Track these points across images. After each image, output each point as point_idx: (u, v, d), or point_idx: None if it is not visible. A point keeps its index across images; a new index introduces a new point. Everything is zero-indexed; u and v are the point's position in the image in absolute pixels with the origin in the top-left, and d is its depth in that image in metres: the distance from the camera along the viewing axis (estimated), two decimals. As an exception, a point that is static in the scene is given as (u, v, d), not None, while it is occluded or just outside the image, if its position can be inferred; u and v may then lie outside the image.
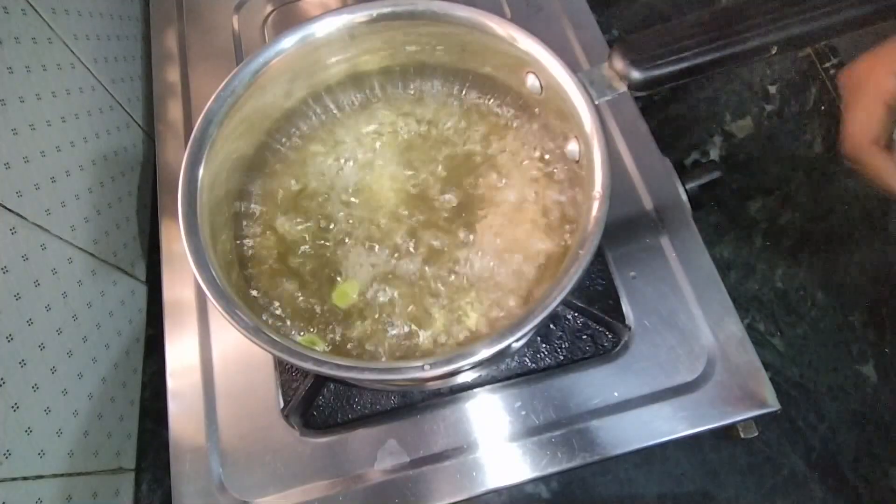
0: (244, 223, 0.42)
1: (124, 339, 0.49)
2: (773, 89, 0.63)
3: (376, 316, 0.40)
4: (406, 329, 0.39)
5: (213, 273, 0.32)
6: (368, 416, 0.42)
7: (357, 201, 0.44)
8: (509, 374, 0.43)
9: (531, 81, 0.38)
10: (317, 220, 0.44)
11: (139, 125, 0.57)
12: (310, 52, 0.39)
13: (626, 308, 0.44)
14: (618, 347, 0.43)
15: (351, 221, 0.43)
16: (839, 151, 0.35)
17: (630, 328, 0.43)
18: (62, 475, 0.39)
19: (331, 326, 0.39)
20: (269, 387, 0.43)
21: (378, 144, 0.45)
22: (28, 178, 0.40)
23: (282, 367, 0.43)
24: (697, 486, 0.47)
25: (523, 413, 0.41)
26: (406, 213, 0.43)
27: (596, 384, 0.42)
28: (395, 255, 0.42)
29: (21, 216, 0.39)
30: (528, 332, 0.30)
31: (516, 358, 0.44)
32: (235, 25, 0.59)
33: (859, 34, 0.33)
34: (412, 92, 0.46)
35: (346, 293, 0.40)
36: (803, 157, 0.59)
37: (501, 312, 0.41)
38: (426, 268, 0.42)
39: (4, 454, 0.34)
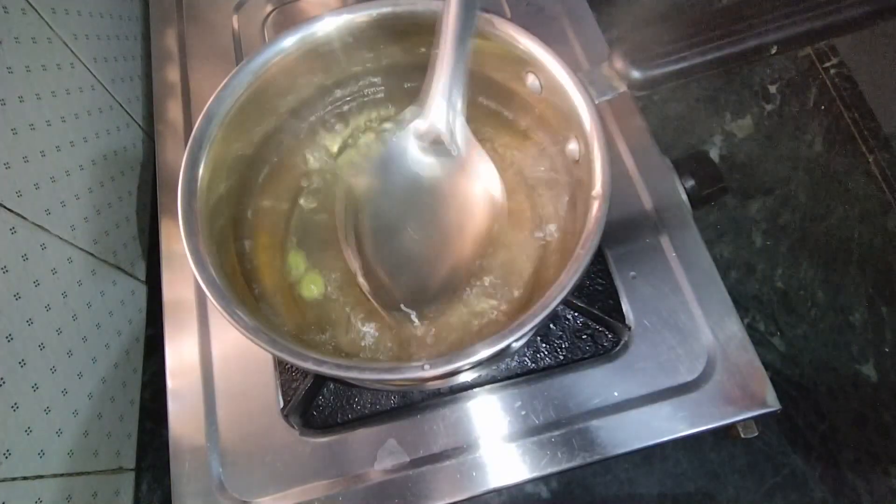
0: (245, 223, 0.42)
1: (124, 339, 0.49)
2: (773, 89, 0.63)
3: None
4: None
5: (213, 273, 0.32)
6: (368, 416, 0.42)
7: (356, 199, 0.44)
8: (509, 374, 0.43)
9: (531, 81, 0.38)
10: (317, 219, 0.44)
11: (139, 125, 0.57)
12: (310, 51, 0.39)
13: (626, 308, 0.44)
14: (618, 347, 0.43)
15: (351, 219, 0.43)
16: None
17: (630, 328, 0.43)
18: (62, 475, 0.39)
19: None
20: (269, 387, 0.43)
21: (378, 143, 0.45)
22: (28, 178, 0.40)
23: (282, 367, 0.43)
24: (697, 486, 0.48)
25: (523, 413, 0.41)
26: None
27: (596, 384, 0.42)
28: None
29: (21, 216, 0.39)
30: (528, 332, 0.30)
31: (516, 358, 0.44)
32: (235, 25, 0.59)
33: (859, 34, 0.33)
34: (412, 91, 0.46)
35: (310, 285, 0.41)
36: (803, 157, 0.59)
37: (499, 312, 0.41)
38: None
39: (4, 454, 0.34)
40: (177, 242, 0.48)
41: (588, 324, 0.44)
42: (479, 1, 0.35)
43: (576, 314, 0.45)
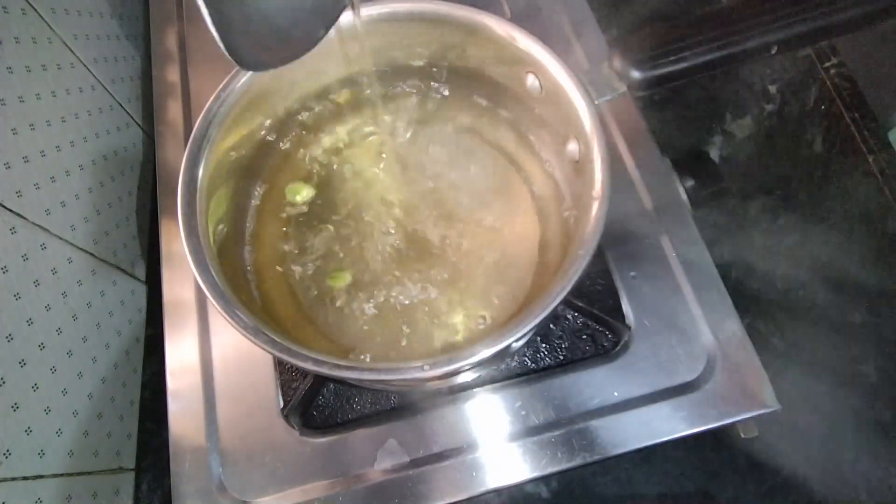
0: (245, 223, 0.42)
1: (124, 339, 0.49)
2: (773, 89, 0.63)
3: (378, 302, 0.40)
4: (405, 325, 0.39)
5: (213, 273, 0.32)
6: (368, 416, 0.42)
7: (357, 199, 0.44)
8: (509, 374, 0.43)
9: (531, 81, 0.38)
10: (316, 219, 0.44)
11: (139, 125, 0.57)
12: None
13: (626, 308, 0.44)
14: (618, 347, 0.43)
15: (350, 219, 0.43)
16: None
17: (630, 328, 0.43)
18: (62, 475, 0.39)
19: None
20: (269, 387, 0.43)
21: (378, 144, 0.45)
22: (28, 178, 0.40)
23: (282, 367, 0.43)
24: (697, 486, 0.47)
25: (523, 413, 0.41)
26: (405, 211, 0.43)
27: (596, 384, 0.42)
28: (395, 252, 0.42)
29: (21, 216, 0.39)
30: (528, 332, 0.30)
31: (516, 358, 0.44)
32: (235, 25, 0.59)
33: (859, 34, 0.33)
34: (412, 91, 0.46)
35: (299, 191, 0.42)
36: (803, 157, 0.59)
37: (497, 312, 0.41)
38: (423, 266, 0.42)
39: (4, 454, 0.34)
40: (177, 242, 0.48)
41: (588, 324, 0.44)
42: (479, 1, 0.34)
43: (576, 314, 0.45)
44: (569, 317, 0.45)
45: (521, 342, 0.43)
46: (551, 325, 0.44)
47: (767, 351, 0.52)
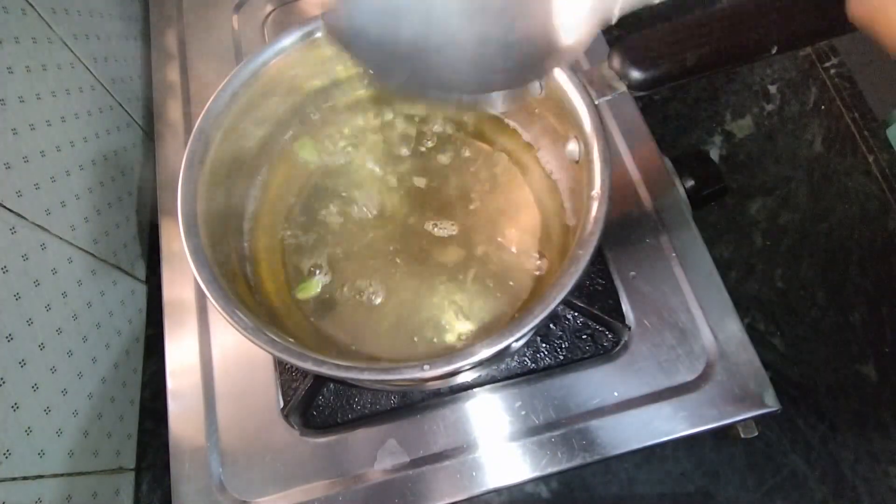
0: (244, 223, 0.42)
1: (124, 338, 0.49)
2: (773, 89, 0.63)
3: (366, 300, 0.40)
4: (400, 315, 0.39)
5: (213, 273, 0.32)
6: (368, 415, 0.42)
7: (356, 199, 0.44)
8: (509, 374, 0.43)
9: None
10: (317, 219, 0.44)
11: (139, 125, 0.57)
12: (310, 51, 0.39)
13: (626, 308, 0.44)
14: (618, 347, 0.43)
15: (349, 218, 0.43)
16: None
17: (630, 328, 0.43)
18: (62, 475, 0.39)
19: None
20: (269, 387, 0.43)
21: (378, 143, 0.45)
22: (28, 178, 0.40)
23: (282, 367, 0.43)
24: (697, 486, 0.48)
25: (523, 413, 0.41)
26: (404, 211, 0.43)
27: (596, 384, 0.42)
28: (395, 251, 0.42)
29: (21, 216, 0.39)
30: (528, 332, 0.30)
31: (516, 358, 0.44)
32: (235, 25, 0.59)
33: (859, 34, 0.33)
34: (412, 92, 0.46)
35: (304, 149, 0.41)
36: (803, 157, 0.59)
37: (496, 312, 0.41)
38: (423, 266, 0.42)
39: (4, 454, 0.34)
40: (177, 242, 0.48)
41: (588, 324, 0.44)
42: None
43: (576, 314, 0.45)
44: (569, 317, 0.45)
45: (521, 342, 0.43)
46: (551, 325, 0.44)
47: (767, 351, 0.52)
